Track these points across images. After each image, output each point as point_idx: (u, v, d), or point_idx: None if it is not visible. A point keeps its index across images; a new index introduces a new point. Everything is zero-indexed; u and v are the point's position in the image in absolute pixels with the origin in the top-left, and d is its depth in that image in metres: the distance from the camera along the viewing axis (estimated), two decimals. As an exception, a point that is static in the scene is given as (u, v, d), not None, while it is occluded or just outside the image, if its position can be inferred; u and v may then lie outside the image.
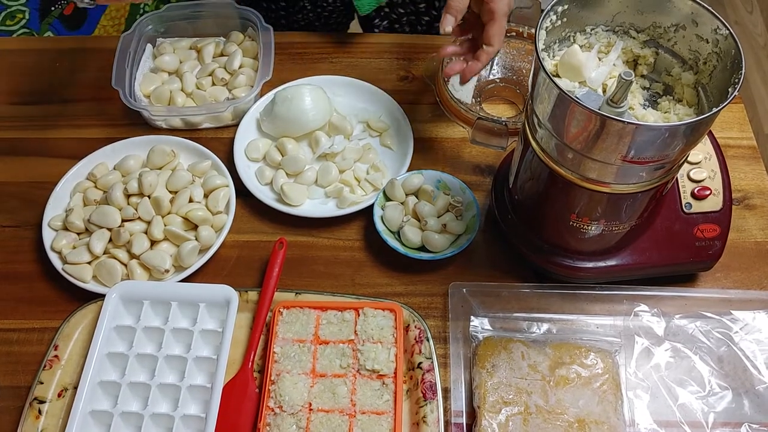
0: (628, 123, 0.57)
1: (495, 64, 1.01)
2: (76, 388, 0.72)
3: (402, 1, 1.14)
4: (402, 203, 0.86)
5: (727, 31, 0.62)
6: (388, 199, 0.86)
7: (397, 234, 0.84)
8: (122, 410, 0.71)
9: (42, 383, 0.73)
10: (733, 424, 0.72)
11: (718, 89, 0.64)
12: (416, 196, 0.87)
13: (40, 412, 0.72)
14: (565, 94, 0.59)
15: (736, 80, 0.60)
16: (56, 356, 0.75)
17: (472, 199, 0.85)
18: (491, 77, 1.00)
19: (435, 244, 0.82)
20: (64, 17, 2.20)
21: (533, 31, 0.64)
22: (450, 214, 0.85)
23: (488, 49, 0.79)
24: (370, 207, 0.85)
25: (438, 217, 0.84)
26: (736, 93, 0.58)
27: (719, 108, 0.57)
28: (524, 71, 1.00)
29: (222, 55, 1.03)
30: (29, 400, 0.72)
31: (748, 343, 0.76)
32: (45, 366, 0.74)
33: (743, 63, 0.60)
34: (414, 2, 1.14)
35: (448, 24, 0.77)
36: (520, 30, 1.01)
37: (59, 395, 0.73)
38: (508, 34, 1.01)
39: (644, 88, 0.71)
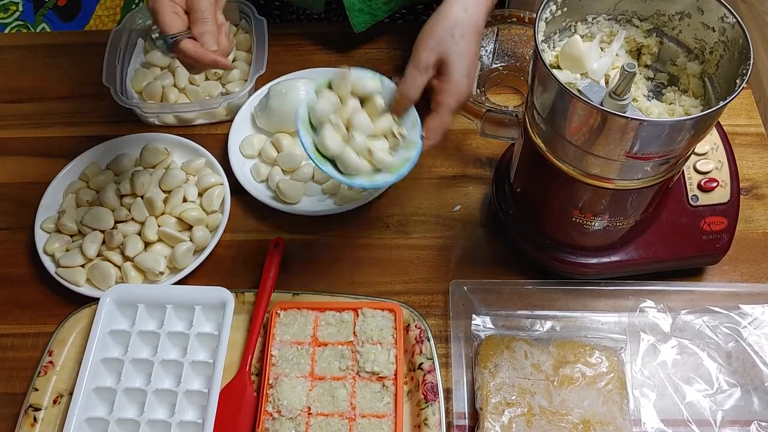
0: (632, 119, 0.55)
1: (496, 51, 0.98)
2: (71, 394, 0.70)
3: (400, 15, 1.10)
4: (341, 101, 0.70)
5: (735, 19, 0.59)
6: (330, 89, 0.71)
7: (319, 146, 0.69)
8: (118, 417, 0.69)
9: (37, 390, 0.72)
10: (742, 422, 0.70)
11: (726, 79, 0.62)
12: (361, 103, 0.72)
13: (35, 419, 0.71)
14: (565, 88, 0.57)
15: (744, 71, 0.57)
16: (51, 362, 0.74)
17: (417, 141, 0.70)
18: (494, 66, 0.97)
19: (348, 164, 0.67)
20: (58, 8, 2.17)
21: (534, 15, 0.61)
22: (385, 143, 0.71)
23: (424, 142, 0.70)
24: (369, 203, 0.84)
25: (370, 138, 0.69)
26: (744, 84, 0.56)
27: (726, 101, 0.55)
28: (527, 57, 0.97)
29: (215, 48, 1.00)
30: (24, 408, 0.71)
31: (757, 338, 0.74)
32: (40, 372, 0.73)
33: (751, 53, 0.57)
34: (414, 13, 1.10)
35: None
36: (521, 15, 0.98)
37: (55, 402, 0.72)
38: (509, 20, 0.98)
39: (648, 79, 0.68)
